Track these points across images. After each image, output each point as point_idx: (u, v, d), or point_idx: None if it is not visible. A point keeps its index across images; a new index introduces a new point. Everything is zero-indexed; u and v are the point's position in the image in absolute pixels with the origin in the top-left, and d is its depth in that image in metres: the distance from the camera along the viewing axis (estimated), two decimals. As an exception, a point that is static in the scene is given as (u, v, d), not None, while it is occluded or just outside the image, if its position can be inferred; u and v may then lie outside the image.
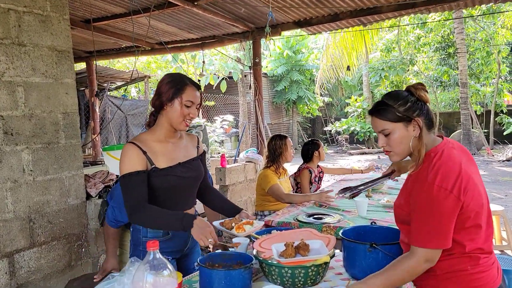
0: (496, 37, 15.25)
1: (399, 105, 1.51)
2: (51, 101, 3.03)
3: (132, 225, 1.98)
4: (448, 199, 1.39)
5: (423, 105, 1.54)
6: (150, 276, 1.18)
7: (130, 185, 1.79)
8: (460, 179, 1.42)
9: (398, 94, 1.56)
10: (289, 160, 3.49)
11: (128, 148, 1.84)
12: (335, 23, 5.57)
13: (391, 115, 1.52)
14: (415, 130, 1.52)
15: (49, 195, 2.99)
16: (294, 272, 1.68)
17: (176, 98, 1.83)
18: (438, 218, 1.40)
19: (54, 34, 3.07)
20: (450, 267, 1.47)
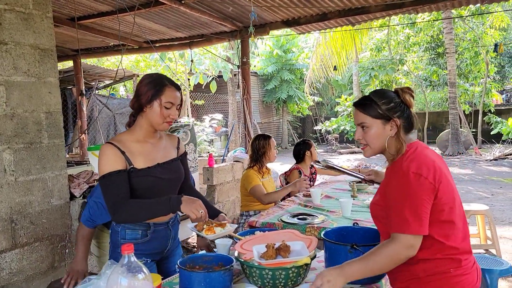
0: (484, 37, 15.41)
1: (382, 103, 1.56)
2: (34, 100, 2.98)
3: (111, 226, 1.95)
4: (423, 184, 1.43)
5: (406, 108, 1.59)
6: (124, 280, 1.17)
7: (111, 184, 1.78)
8: (434, 169, 1.46)
9: (384, 92, 1.61)
10: (272, 160, 3.48)
11: (106, 148, 1.82)
12: (323, 22, 5.58)
13: (372, 111, 1.57)
14: (392, 130, 1.56)
15: (31, 196, 2.95)
16: (274, 274, 1.67)
17: (155, 99, 1.82)
18: (415, 202, 1.42)
19: (37, 32, 3.02)
20: (432, 269, 1.47)
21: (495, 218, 5.92)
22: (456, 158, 12.96)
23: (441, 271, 1.47)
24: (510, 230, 5.24)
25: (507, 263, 2.70)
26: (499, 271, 2.61)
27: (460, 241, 1.50)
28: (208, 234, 1.87)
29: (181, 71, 10.74)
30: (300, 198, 3.22)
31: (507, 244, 4.63)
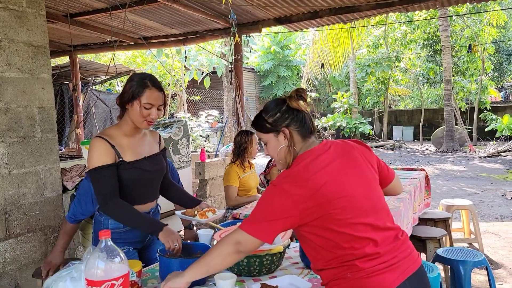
0: (482, 34, 15.48)
1: (268, 117, 1.56)
2: (27, 96, 3.07)
3: (94, 217, 2.06)
4: (284, 198, 1.39)
5: (296, 114, 1.54)
6: (101, 263, 1.27)
7: (101, 178, 1.87)
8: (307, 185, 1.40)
9: (268, 105, 1.60)
10: (252, 155, 3.59)
11: (97, 142, 1.91)
12: (315, 20, 5.66)
13: (262, 127, 1.58)
14: (285, 138, 1.54)
15: (25, 188, 3.05)
16: (249, 261, 1.78)
17: (135, 100, 1.89)
18: (263, 208, 1.43)
19: (30, 29, 3.11)
20: (331, 276, 1.46)
21: (482, 213, 6.05)
22: (450, 155, 13.08)
23: (339, 277, 1.44)
24: (495, 225, 5.36)
25: (481, 255, 2.81)
26: (472, 262, 2.72)
27: (357, 246, 1.42)
28: (202, 218, 2.03)
29: (178, 67, 10.81)
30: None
31: (491, 238, 4.75)
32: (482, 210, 6.21)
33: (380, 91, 16.92)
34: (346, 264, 1.42)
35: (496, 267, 3.94)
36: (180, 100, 11.25)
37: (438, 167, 10.86)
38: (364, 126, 16.32)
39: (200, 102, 13.53)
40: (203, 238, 2.16)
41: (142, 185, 2.01)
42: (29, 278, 3.02)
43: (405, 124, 19.35)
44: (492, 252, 4.32)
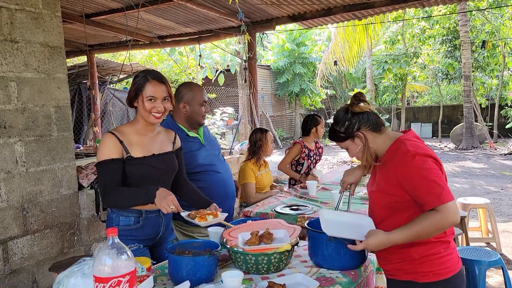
0: (503, 29, 15.09)
1: (339, 127, 1.77)
2: (43, 96, 3.15)
3: (108, 214, 2.09)
4: (434, 163, 1.59)
5: (362, 116, 1.74)
6: (108, 260, 1.29)
7: (105, 171, 1.94)
8: (429, 150, 1.63)
9: (337, 117, 1.80)
10: (268, 153, 3.59)
11: (106, 137, 1.97)
12: (329, 17, 5.61)
13: (338, 137, 1.79)
14: (362, 140, 1.74)
15: (41, 186, 3.12)
16: (257, 259, 1.79)
17: (139, 95, 1.96)
18: (436, 177, 1.55)
19: (46, 30, 3.18)
20: (426, 251, 1.62)
21: (502, 212, 5.92)
22: (470, 152, 12.82)
23: (433, 252, 1.62)
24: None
25: (497, 255, 2.75)
26: (487, 262, 2.67)
27: None
28: (200, 221, 2.00)
29: (193, 65, 10.88)
30: (297, 190, 3.32)
31: (509, 238, 4.64)
32: (501, 209, 6.07)
33: (398, 87, 16.67)
34: (441, 240, 1.63)
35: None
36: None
37: (458, 164, 10.66)
38: (381, 123, 16.09)
39: (215, 100, 13.59)
40: (212, 236, 2.17)
41: (150, 181, 2.02)
42: (46, 274, 3.10)
43: (423, 121, 19.05)
44: (511, 252, 4.23)
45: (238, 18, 4.11)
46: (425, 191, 1.55)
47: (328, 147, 15.53)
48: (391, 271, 1.74)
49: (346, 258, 1.83)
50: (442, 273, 1.62)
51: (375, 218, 1.78)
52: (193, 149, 2.49)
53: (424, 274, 1.63)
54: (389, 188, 1.66)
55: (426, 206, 1.55)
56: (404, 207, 1.64)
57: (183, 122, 2.53)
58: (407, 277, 1.66)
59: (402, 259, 1.67)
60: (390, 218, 1.69)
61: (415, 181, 1.57)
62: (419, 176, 1.56)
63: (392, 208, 1.68)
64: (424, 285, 1.63)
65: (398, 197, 1.64)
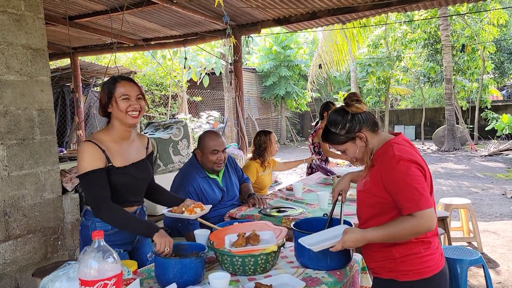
0: (482, 33, 15.43)
1: (339, 130, 1.74)
2: (26, 98, 3.10)
3: (82, 222, 2.08)
4: (418, 168, 1.62)
5: (361, 117, 1.74)
6: (94, 263, 1.29)
7: (94, 182, 1.89)
8: (415, 156, 1.66)
9: (334, 119, 1.76)
10: (273, 153, 3.77)
11: (88, 146, 1.93)
12: (314, 21, 5.68)
13: (337, 140, 1.77)
14: (362, 141, 1.74)
15: (24, 190, 3.08)
16: (244, 261, 1.80)
17: (112, 98, 1.93)
18: (417, 184, 1.58)
19: (29, 32, 3.14)
20: (406, 251, 1.66)
21: (483, 212, 6.05)
22: (452, 154, 13.06)
23: (414, 252, 1.65)
24: (494, 224, 5.36)
25: (478, 254, 2.82)
26: (469, 260, 2.73)
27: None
28: (191, 214, 2.08)
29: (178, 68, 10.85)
30: (283, 191, 3.35)
31: (490, 237, 4.75)
32: (482, 209, 6.21)
33: (381, 90, 16.89)
34: (422, 240, 1.65)
35: (494, 266, 3.94)
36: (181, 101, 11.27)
37: (440, 166, 10.85)
38: (365, 126, 16.26)
39: (201, 103, 13.56)
40: (199, 238, 2.18)
41: (130, 189, 2.06)
42: (29, 279, 3.05)
43: (406, 124, 19.33)
44: (491, 250, 4.33)
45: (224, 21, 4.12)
46: (405, 196, 1.59)
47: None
48: (375, 269, 1.78)
49: (331, 258, 1.85)
50: (423, 272, 1.65)
51: (361, 217, 1.84)
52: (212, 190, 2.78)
53: (405, 273, 1.66)
54: (375, 189, 1.70)
55: (404, 210, 1.60)
56: (387, 208, 1.68)
57: (202, 165, 2.81)
58: (389, 276, 1.70)
59: (384, 257, 1.71)
60: (374, 219, 1.73)
61: (397, 185, 1.61)
62: (401, 181, 1.59)
63: (376, 208, 1.73)
64: (405, 284, 1.67)
65: (382, 198, 1.68)
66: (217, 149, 2.70)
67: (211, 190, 2.75)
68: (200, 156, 2.76)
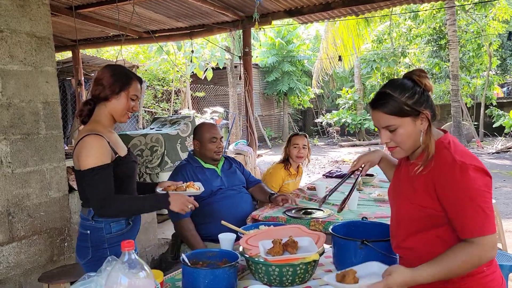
0: (487, 29, 15.24)
1: (407, 98, 1.38)
2: (31, 90, 2.89)
3: (91, 226, 1.89)
4: (486, 177, 1.32)
5: (428, 95, 1.43)
6: (124, 279, 1.09)
7: (102, 177, 1.78)
8: (479, 162, 1.35)
9: (404, 84, 1.42)
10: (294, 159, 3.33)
11: (97, 139, 1.81)
12: (326, 12, 5.47)
13: (398, 109, 1.38)
14: (423, 123, 1.40)
15: (29, 188, 2.87)
16: (282, 271, 1.61)
17: (123, 91, 1.87)
18: (484, 201, 1.29)
19: (33, 19, 2.92)
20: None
21: (500, 211, 5.85)
22: (458, 151, 12.89)
23: (476, 272, 1.36)
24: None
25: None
26: (509, 266, 2.54)
27: None
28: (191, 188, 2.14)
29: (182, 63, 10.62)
30: (305, 192, 3.15)
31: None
32: (498, 208, 6.01)
33: (385, 87, 16.70)
34: None
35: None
36: (184, 96, 11.05)
37: (447, 163, 10.67)
38: (369, 123, 16.08)
39: (204, 99, 13.34)
40: (224, 244, 2.00)
41: (133, 178, 2.04)
42: (34, 284, 2.85)
43: (410, 120, 19.16)
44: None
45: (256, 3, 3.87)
46: (467, 216, 1.30)
47: (317, 146, 15.45)
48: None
49: (379, 267, 1.65)
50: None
51: (399, 234, 1.52)
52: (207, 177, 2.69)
53: None
54: (427, 201, 1.40)
55: (462, 233, 1.32)
56: (438, 222, 1.40)
57: (199, 156, 2.77)
58: None
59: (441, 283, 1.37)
60: (419, 234, 1.44)
61: (459, 202, 1.31)
62: (465, 198, 1.30)
63: (424, 223, 1.42)
64: None
65: (434, 210, 1.39)
66: (215, 136, 2.70)
67: (204, 178, 2.65)
68: (199, 146, 2.74)
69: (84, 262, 1.90)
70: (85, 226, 1.91)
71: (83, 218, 1.93)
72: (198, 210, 2.56)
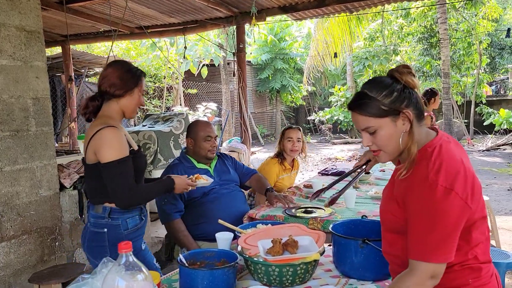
0: (477, 28, 15.35)
1: (384, 97, 1.27)
2: (20, 86, 2.82)
3: (107, 223, 1.87)
4: (455, 203, 1.16)
5: (412, 93, 1.29)
6: (122, 282, 1.04)
7: (125, 170, 1.80)
8: (465, 180, 1.19)
9: (381, 82, 1.31)
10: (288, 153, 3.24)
11: (116, 132, 1.82)
12: (321, 9, 5.42)
13: (375, 110, 1.27)
14: (405, 124, 1.27)
15: (18, 186, 2.80)
16: (281, 271, 1.57)
17: (136, 87, 1.89)
18: (444, 226, 1.16)
19: (23, 13, 2.84)
20: (449, 283, 1.24)
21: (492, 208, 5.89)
22: (449, 149, 12.97)
23: (459, 284, 1.25)
24: (507, 220, 5.21)
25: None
26: (505, 264, 2.53)
27: (483, 250, 1.27)
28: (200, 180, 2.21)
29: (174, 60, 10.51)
30: (301, 189, 3.11)
31: (505, 235, 4.60)
32: (490, 205, 6.05)
33: (377, 84, 16.73)
34: (471, 266, 1.25)
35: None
36: (176, 93, 10.94)
37: (438, 161, 10.74)
38: (361, 120, 16.11)
39: (196, 96, 13.23)
40: (221, 243, 1.95)
41: (144, 171, 2.07)
42: (24, 284, 2.79)
43: (401, 118, 19.24)
44: (509, 249, 4.16)
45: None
46: (419, 236, 1.20)
47: (309, 144, 15.45)
48: None
49: (380, 267, 1.62)
50: None
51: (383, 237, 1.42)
52: None
53: None
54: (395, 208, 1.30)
55: (408, 253, 1.22)
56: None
57: (192, 155, 2.71)
58: None
59: None
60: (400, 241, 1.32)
61: (417, 219, 1.20)
62: (424, 217, 1.18)
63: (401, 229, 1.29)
64: None
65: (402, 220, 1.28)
66: (210, 135, 2.66)
67: None
68: (193, 144, 2.68)
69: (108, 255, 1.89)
70: (101, 224, 1.87)
71: (96, 216, 1.89)
72: (190, 211, 2.53)
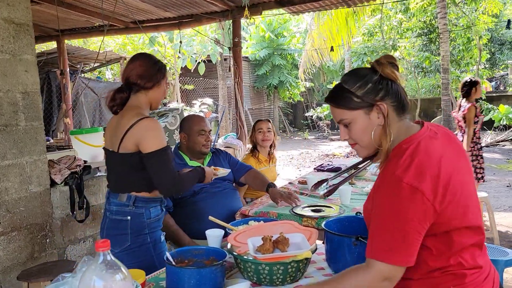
0: (477, 23, 15.27)
1: (357, 88, 1.22)
2: (8, 79, 2.75)
3: (131, 211, 1.91)
4: (419, 203, 1.11)
5: (390, 84, 1.23)
6: (99, 281, 0.99)
7: (169, 158, 1.87)
8: (436, 180, 1.12)
9: (356, 73, 1.27)
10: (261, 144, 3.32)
11: (157, 123, 1.89)
12: (318, 2, 5.36)
13: (348, 102, 1.23)
14: (380, 117, 1.22)
15: (7, 182, 2.74)
16: (272, 269, 1.52)
17: (163, 79, 1.95)
18: (403, 226, 1.11)
19: (11, 4, 2.77)
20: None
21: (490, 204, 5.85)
22: (448, 145, 12.93)
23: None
24: (506, 217, 5.17)
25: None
26: (504, 261, 2.49)
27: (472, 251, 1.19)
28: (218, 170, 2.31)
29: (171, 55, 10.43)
30: (295, 185, 3.06)
31: (504, 231, 4.56)
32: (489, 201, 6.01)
33: (376, 80, 16.67)
34: (454, 272, 1.17)
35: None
36: (173, 89, 10.88)
37: (437, 157, 10.69)
38: (359, 116, 16.07)
39: (193, 92, 13.16)
40: (211, 240, 1.90)
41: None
42: (13, 282, 2.73)
43: (400, 114, 19.19)
44: (508, 245, 4.12)
45: None
46: (377, 234, 1.15)
47: (307, 140, 15.40)
48: None
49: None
50: None
51: None
52: None
53: None
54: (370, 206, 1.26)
55: (366, 251, 1.18)
56: None
57: (186, 151, 2.67)
58: None
59: None
60: None
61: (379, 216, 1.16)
62: (385, 214, 1.14)
63: None
64: None
65: None
66: (204, 129, 2.63)
67: None
68: (186, 139, 2.64)
69: (121, 250, 1.88)
70: (124, 212, 1.90)
71: (120, 204, 1.90)
72: (180, 210, 2.47)
